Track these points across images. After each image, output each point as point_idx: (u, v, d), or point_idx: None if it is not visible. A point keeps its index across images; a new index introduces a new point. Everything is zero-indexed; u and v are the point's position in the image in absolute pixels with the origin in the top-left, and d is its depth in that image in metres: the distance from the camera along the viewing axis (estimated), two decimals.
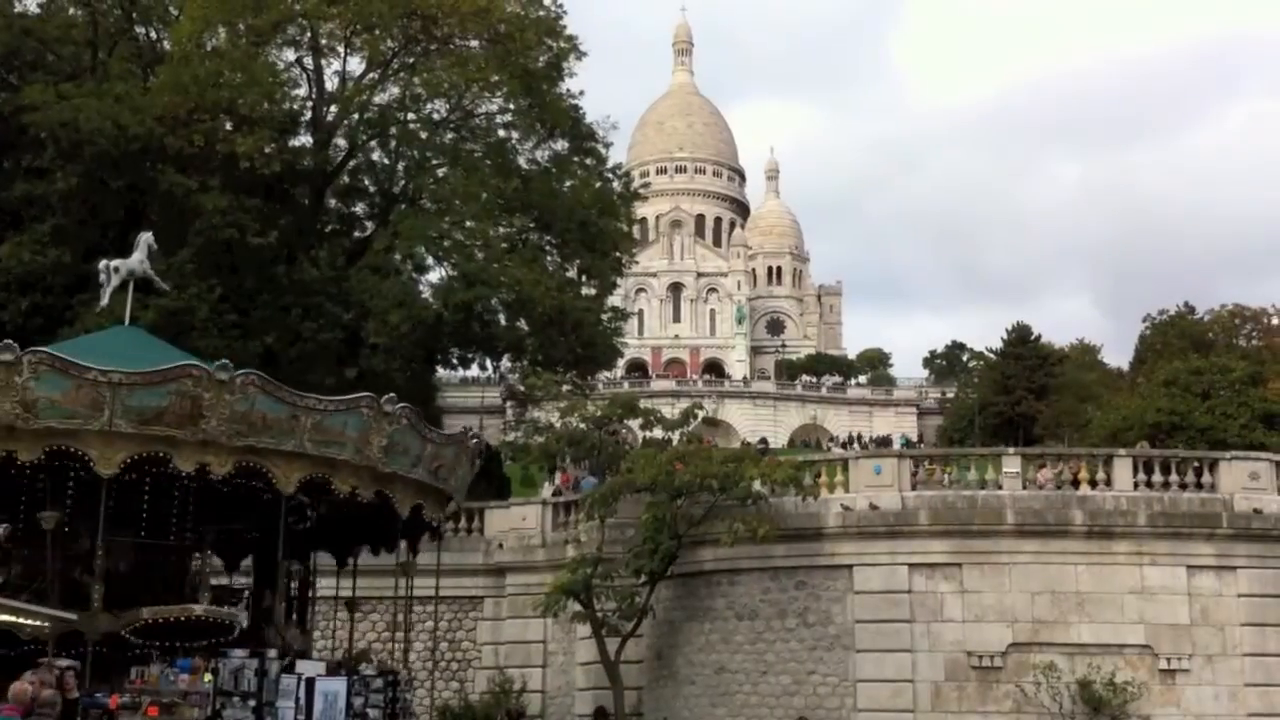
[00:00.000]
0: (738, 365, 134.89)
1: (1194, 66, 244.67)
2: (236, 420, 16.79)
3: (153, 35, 40.20)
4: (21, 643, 16.97)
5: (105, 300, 20.52)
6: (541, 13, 40.10)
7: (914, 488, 27.24)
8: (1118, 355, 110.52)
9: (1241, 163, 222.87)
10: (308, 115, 39.92)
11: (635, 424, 40.25)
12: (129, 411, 16.39)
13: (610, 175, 43.92)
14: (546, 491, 43.86)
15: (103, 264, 20.66)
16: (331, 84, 40.09)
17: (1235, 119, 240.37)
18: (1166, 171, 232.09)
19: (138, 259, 20.42)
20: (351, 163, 41.15)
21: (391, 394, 18.81)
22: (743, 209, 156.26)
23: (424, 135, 40.40)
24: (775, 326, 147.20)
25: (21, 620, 17.03)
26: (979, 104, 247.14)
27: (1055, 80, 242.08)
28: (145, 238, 20.86)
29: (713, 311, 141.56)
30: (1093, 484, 26.83)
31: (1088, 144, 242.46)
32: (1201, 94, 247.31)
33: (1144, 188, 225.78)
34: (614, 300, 49.66)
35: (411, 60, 39.53)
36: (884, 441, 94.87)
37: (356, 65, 39.90)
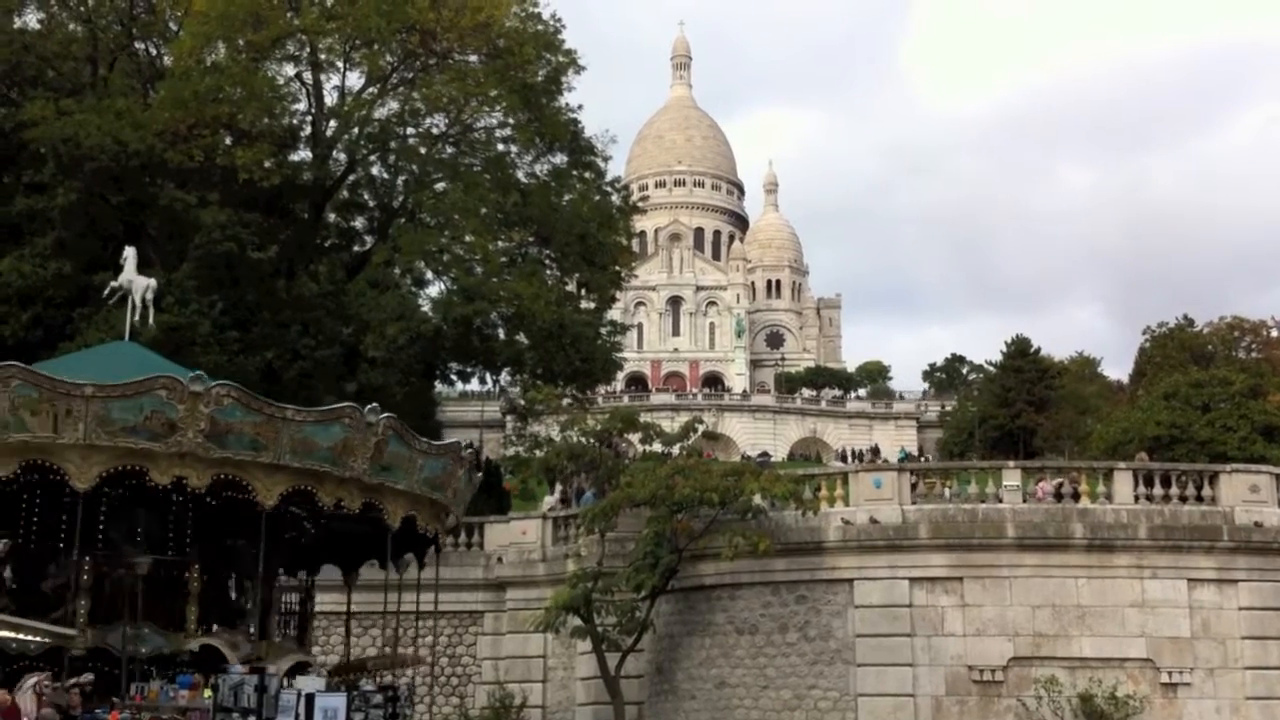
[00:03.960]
0: (737, 379, 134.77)
1: (1207, 71, 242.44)
2: (212, 432, 16.74)
3: (153, 51, 40.36)
4: (10, 659, 17.01)
5: (150, 319, 21.05)
6: (540, 27, 40.19)
7: (914, 501, 27.21)
8: (1120, 366, 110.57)
9: (1256, 168, 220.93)
10: (307, 130, 40.01)
11: (635, 438, 40.16)
12: (103, 424, 16.39)
13: (609, 189, 43.99)
14: (546, 505, 43.75)
15: (141, 284, 20.99)
16: (331, 99, 40.21)
17: (1250, 123, 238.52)
18: (1180, 177, 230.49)
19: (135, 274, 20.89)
20: (351, 177, 41.20)
21: (374, 404, 18.67)
22: (742, 222, 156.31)
23: (423, 150, 40.48)
24: (774, 340, 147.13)
25: (6, 634, 17.07)
26: (989, 109, 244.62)
27: (1066, 85, 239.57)
28: (130, 252, 21.38)
29: (712, 325, 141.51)
30: (1093, 497, 26.80)
31: (1100, 150, 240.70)
32: (1216, 99, 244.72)
33: (1157, 194, 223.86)
34: (613, 314, 49.73)
35: (411, 75, 39.62)
36: (874, 452, 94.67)
37: (356, 80, 40.07)
